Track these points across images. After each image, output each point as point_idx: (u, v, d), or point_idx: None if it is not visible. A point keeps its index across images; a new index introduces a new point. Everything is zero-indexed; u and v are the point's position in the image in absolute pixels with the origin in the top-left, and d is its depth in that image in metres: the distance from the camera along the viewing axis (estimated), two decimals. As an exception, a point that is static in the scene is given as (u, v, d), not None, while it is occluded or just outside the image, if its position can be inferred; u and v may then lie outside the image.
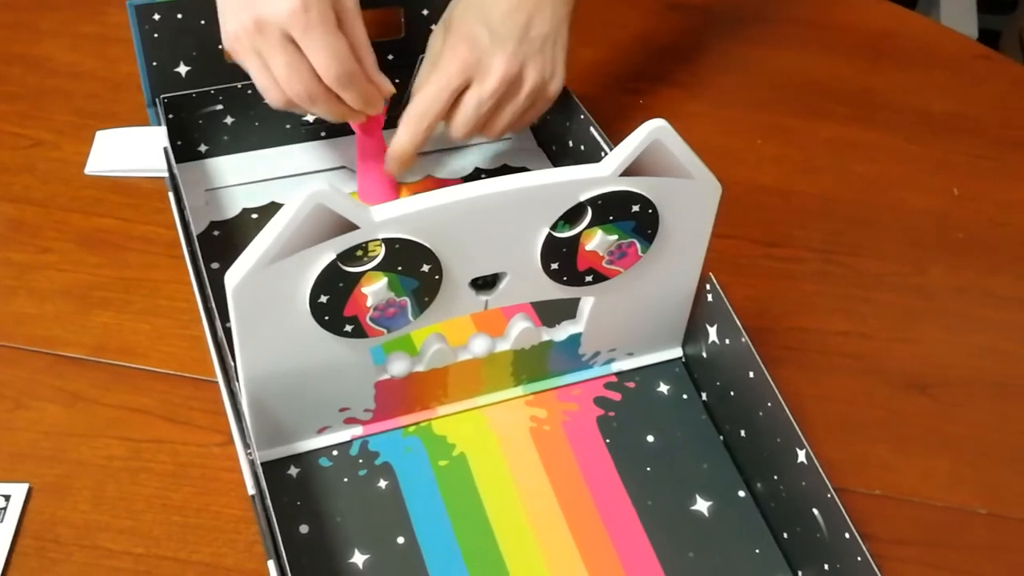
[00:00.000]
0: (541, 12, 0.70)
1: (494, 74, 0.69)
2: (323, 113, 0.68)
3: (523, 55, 0.70)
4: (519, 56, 0.69)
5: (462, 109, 0.70)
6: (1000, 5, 1.94)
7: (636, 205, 0.56)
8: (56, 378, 0.66)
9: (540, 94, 0.72)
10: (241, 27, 0.65)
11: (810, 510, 0.56)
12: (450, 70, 0.69)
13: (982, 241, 0.81)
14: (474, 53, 0.69)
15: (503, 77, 0.69)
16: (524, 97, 0.71)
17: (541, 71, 0.71)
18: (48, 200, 0.76)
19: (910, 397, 0.70)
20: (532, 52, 0.70)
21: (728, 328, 0.61)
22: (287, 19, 0.63)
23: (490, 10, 0.70)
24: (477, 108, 0.70)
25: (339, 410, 0.60)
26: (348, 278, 0.52)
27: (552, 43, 0.71)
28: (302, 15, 0.63)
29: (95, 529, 0.59)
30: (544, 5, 0.70)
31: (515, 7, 0.69)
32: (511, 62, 0.69)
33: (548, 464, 0.62)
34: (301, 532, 0.58)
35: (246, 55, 0.66)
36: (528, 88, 0.71)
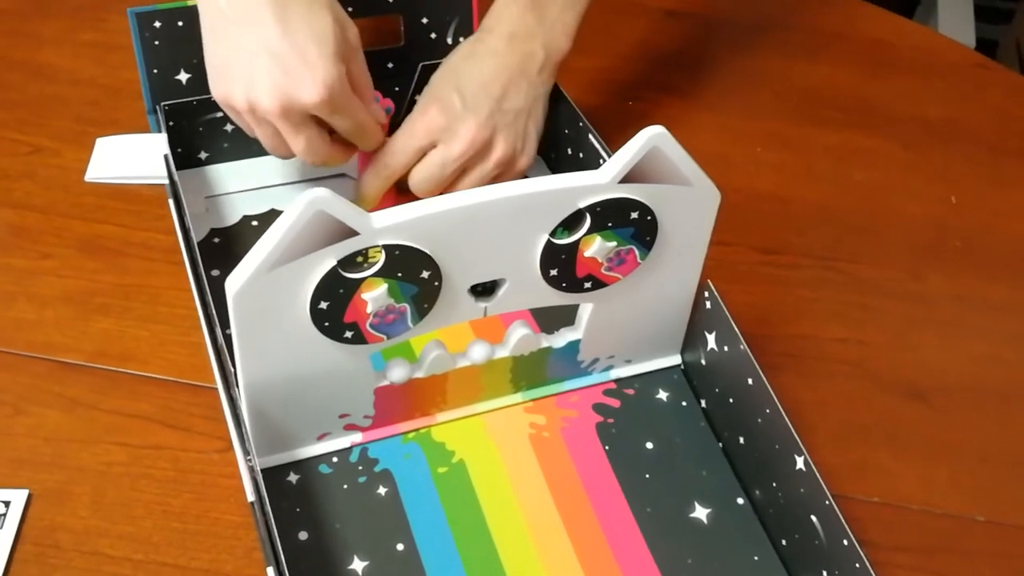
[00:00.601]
0: (516, 86, 0.71)
1: (462, 137, 0.69)
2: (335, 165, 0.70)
3: (494, 124, 0.70)
4: (489, 124, 0.70)
5: (425, 164, 0.70)
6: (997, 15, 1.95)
7: (635, 212, 0.56)
8: (56, 384, 0.66)
9: (509, 166, 0.72)
10: (250, 103, 0.63)
11: (808, 517, 0.56)
12: (417, 128, 0.70)
13: (980, 249, 0.81)
14: (444, 116, 0.69)
15: (471, 142, 0.69)
16: (492, 166, 0.71)
17: (512, 143, 0.71)
18: (48, 206, 0.76)
19: (908, 404, 0.70)
20: (504, 123, 0.70)
21: (727, 335, 0.62)
22: (317, 106, 0.63)
23: (466, 79, 0.70)
24: (441, 168, 0.70)
25: (339, 416, 0.60)
26: (348, 284, 0.53)
27: (525, 117, 0.72)
28: (329, 100, 0.63)
29: (95, 535, 0.59)
30: (520, 80, 0.71)
31: (491, 78, 0.70)
32: (481, 129, 0.69)
33: (547, 471, 0.62)
34: (300, 539, 0.58)
35: (257, 125, 0.66)
36: (496, 157, 0.71)
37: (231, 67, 0.64)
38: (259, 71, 0.62)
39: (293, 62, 0.62)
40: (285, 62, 0.62)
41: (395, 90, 0.79)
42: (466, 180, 0.72)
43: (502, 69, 0.71)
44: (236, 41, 0.63)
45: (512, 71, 0.71)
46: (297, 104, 0.63)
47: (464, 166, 0.71)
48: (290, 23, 0.62)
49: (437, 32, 0.82)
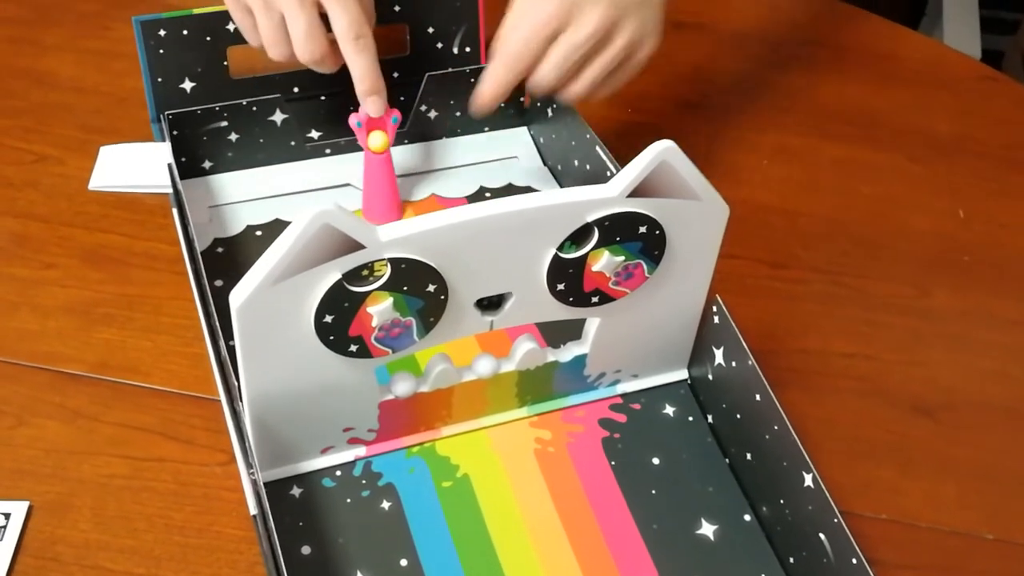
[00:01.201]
0: None
1: (587, 24, 0.67)
2: (322, 69, 0.70)
3: (620, 9, 0.68)
4: (614, 11, 0.68)
5: (551, 55, 0.68)
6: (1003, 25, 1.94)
7: (643, 226, 0.56)
8: (57, 395, 0.65)
9: (631, 54, 0.70)
10: None
11: (816, 535, 0.55)
12: (543, 15, 0.67)
13: (988, 264, 0.81)
14: (568, 2, 0.67)
15: (596, 27, 0.67)
16: (614, 54, 0.69)
17: (635, 30, 0.69)
18: (52, 215, 0.75)
19: (916, 420, 0.70)
20: (628, 9, 0.68)
21: (735, 351, 0.61)
22: None
23: None
24: (567, 56, 0.68)
25: (343, 430, 0.60)
26: (353, 298, 0.52)
27: (649, 7, 0.70)
28: None
29: (95, 548, 0.59)
30: None
31: None
32: (605, 15, 0.67)
33: (552, 486, 0.61)
34: (303, 553, 0.57)
35: (260, 10, 0.67)
36: (620, 44, 0.69)
37: None
38: None
39: None
40: None
41: (400, 99, 0.79)
42: (590, 68, 0.70)
43: None
44: None
45: None
46: None
47: (588, 54, 0.69)
48: None
49: (443, 41, 0.82)
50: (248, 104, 0.74)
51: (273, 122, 0.75)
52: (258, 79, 0.78)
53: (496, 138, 0.82)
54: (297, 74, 0.79)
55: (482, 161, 0.81)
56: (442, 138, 0.81)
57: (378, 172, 0.73)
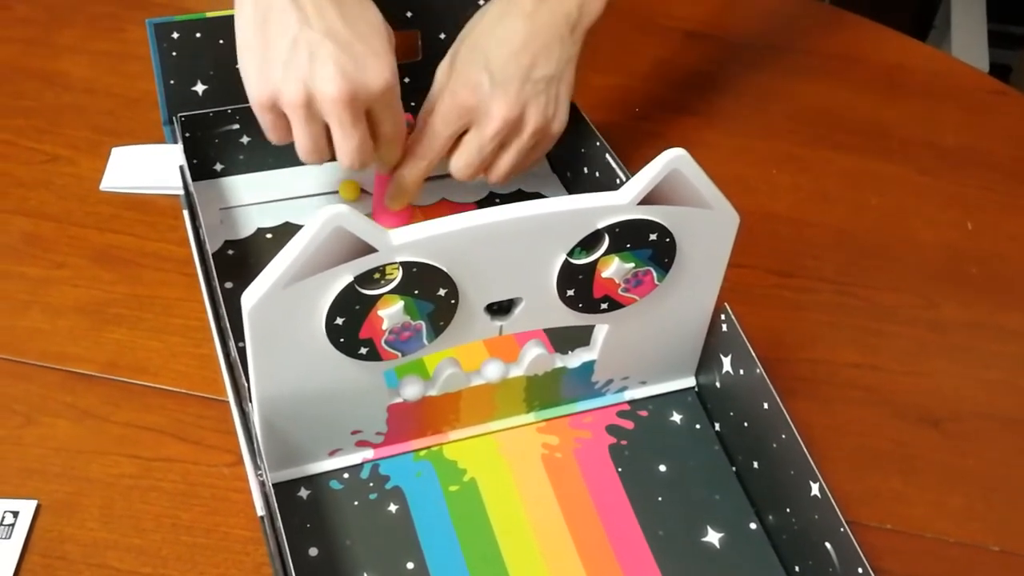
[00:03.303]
0: (546, 53, 0.70)
1: (495, 117, 0.69)
2: None
3: (525, 98, 0.69)
4: (521, 99, 0.69)
5: (463, 150, 0.70)
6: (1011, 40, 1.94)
7: (654, 234, 0.56)
8: (67, 394, 0.65)
9: (543, 134, 0.72)
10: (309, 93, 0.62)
11: (823, 544, 0.56)
12: (450, 114, 0.69)
13: (995, 275, 0.81)
14: (475, 97, 0.69)
15: (504, 120, 0.69)
16: (527, 138, 0.71)
17: (543, 112, 0.71)
18: (63, 215, 0.76)
19: (922, 431, 0.70)
20: (534, 94, 0.70)
21: (743, 359, 0.61)
22: (382, 93, 0.64)
23: (494, 53, 0.69)
24: (479, 150, 0.70)
25: (351, 433, 0.60)
26: (365, 301, 0.52)
27: (556, 83, 0.71)
28: (392, 89, 0.64)
29: (103, 547, 0.59)
30: (551, 46, 0.70)
31: (519, 50, 0.69)
32: (512, 106, 0.69)
33: (559, 492, 0.61)
34: (311, 555, 0.57)
35: (308, 121, 0.64)
36: (530, 129, 0.71)
37: (286, 56, 0.62)
38: (323, 58, 0.61)
39: (360, 49, 0.62)
40: (352, 49, 0.62)
41: (412, 104, 0.79)
42: (505, 156, 0.72)
43: (533, 34, 0.69)
44: (293, 30, 0.62)
45: (543, 34, 0.70)
46: (363, 91, 0.62)
47: (500, 143, 0.70)
48: (349, 13, 0.63)
49: (454, 48, 0.82)
50: (260, 107, 0.74)
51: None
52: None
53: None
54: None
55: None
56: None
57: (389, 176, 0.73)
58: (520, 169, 0.74)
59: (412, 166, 0.71)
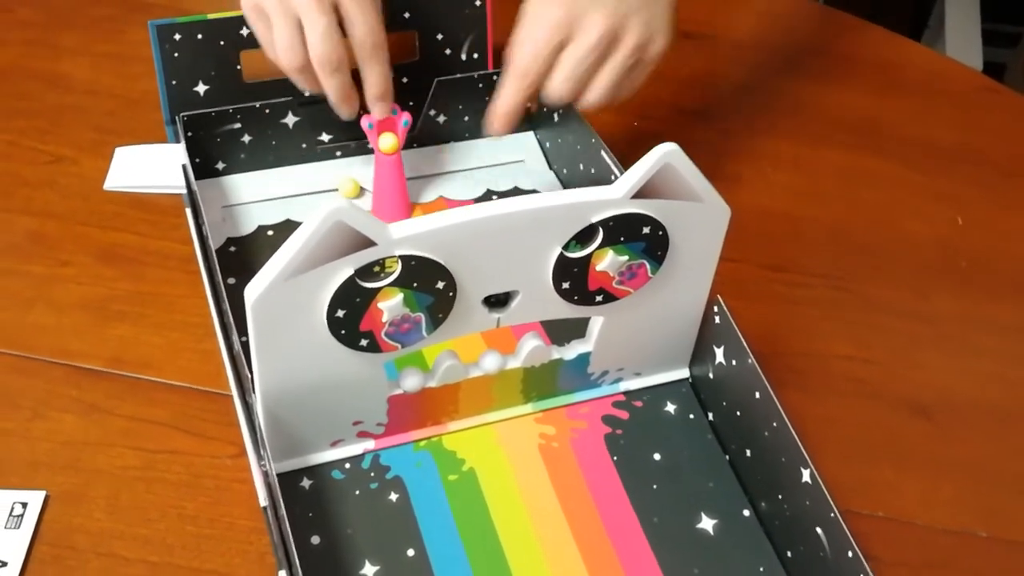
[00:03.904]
0: None
1: (592, 31, 0.68)
2: (331, 86, 0.70)
3: (622, 13, 0.68)
4: (618, 13, 0.68)
5: (560, 67, 0.69)
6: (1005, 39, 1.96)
7: (647, 227, 0.57)
8: (73, 389, 0.67)
9: (641, 55, 0.71)
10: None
11: (814, 529, 0.57)
12: (547, 27, 0.68)
13: (985, 269, 0.82)
14: (571, 11, 0.68)
15: (601, 33, 0.68)
16: (623, 57, 0.70)
17: (642, 30, 0.69)
18: (68, 214, 0.77)
19: (913, 421, 0.71)
20: (633, 10, 0.69)
21: (735, 350, 0.62)
22: None
23: None
24: (575, 67, 0.69)
25: (352, 424, 0.61)
26: (365, 293, 0.54)
27: (656, 3, 0.70)
28: None
29: (110, 537, 0.60)
30: None
31: None
32: (609, 20, 0.68)
33: (556, 480, 0.63)
34: (313, 543, 0.59)
35: (277, 14, 0.68)
36: (629, 47, 0.69)
37: None
38: None
39: None
40: None
41: (410, 104, 0.80)
42: (602, 74, 0.70)
43: None
44: None
45: None
46: None
47: (599, 59, 0.69)
48: None
49: (452, 48, 0.83)
50: (261, 107, 0.76)
51: (285, 124, 0.77)
52: (270, 83, 0.80)
53: (503, 143, 0.83)
54: (309, 78, 0.81)
55: (489, 165, 0.82)
56: (450, 142, 0.83)
57: (388, 173, 0.75)
58: (616, 91, 0.72)
59: (514, 91, 0.70)
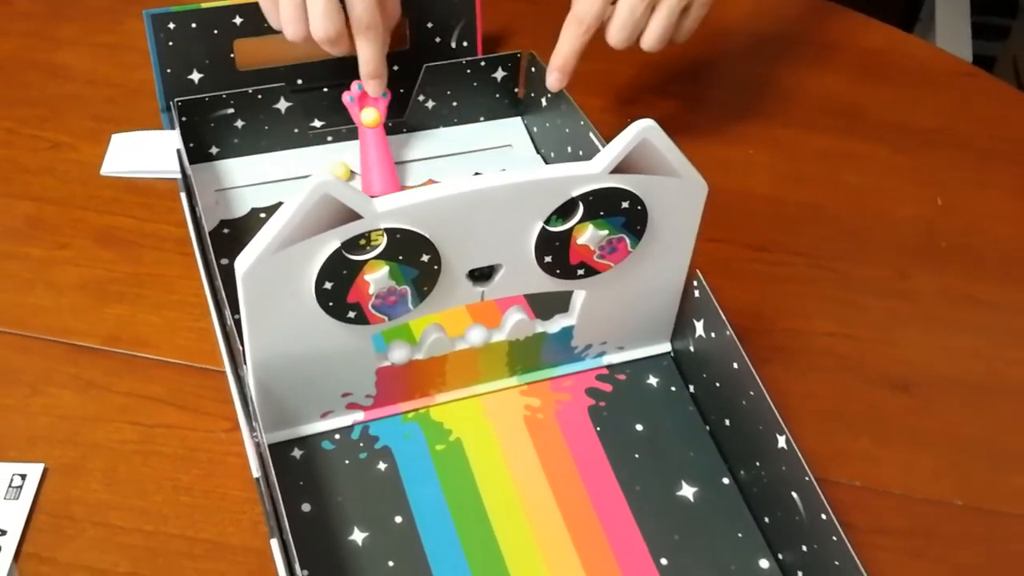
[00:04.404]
0: None
1: None
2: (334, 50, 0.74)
3: None
4: None
5: (618, 13, 0.73)
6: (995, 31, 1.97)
7: (625, 201, 0.59)
8: (71, 366, 0.68)
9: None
10: None
11: (789, 494, 0.58)
12: None
13: (965, 249, 0.84)
14: None
15: None
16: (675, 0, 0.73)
17: None
18: (66, 199, 0.79)
19: (893, 395, 0.73)
20: None
21: (714, 322, 0.64)
22: None
23: None
24: (631, 12, 0.72)
25: (341, 395, 0.63)
26: (352, 266, 0.55)
27: None
28: None
29: (107, 508, 0.62)
30: None
31: None
32: None
33: (541, 450, 0.64)
34: (303, 510, 0.60)
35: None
36: None
37: None
38: None
39: None
40: None
41: (400, 91, 0.82)
42: (656, 18, 0.74)
43: None
44: None
45: None
46: None
47: (651, 4, 0.73)
48: None
49: (441, 36, 0.85)
50: (254, 92, 0.77)
51: (278, 110, 0.79)
52: (263, 71, 0.82)
53: (491, 127, 0.85)
54: (300, 66, 0.83)
55: (477, 149, 0.84)
56: (439, 127, 0.85)
57: (373, 147, 0.77)
58: (672, 34, 0.76)
59: (572, 38, 0.74)
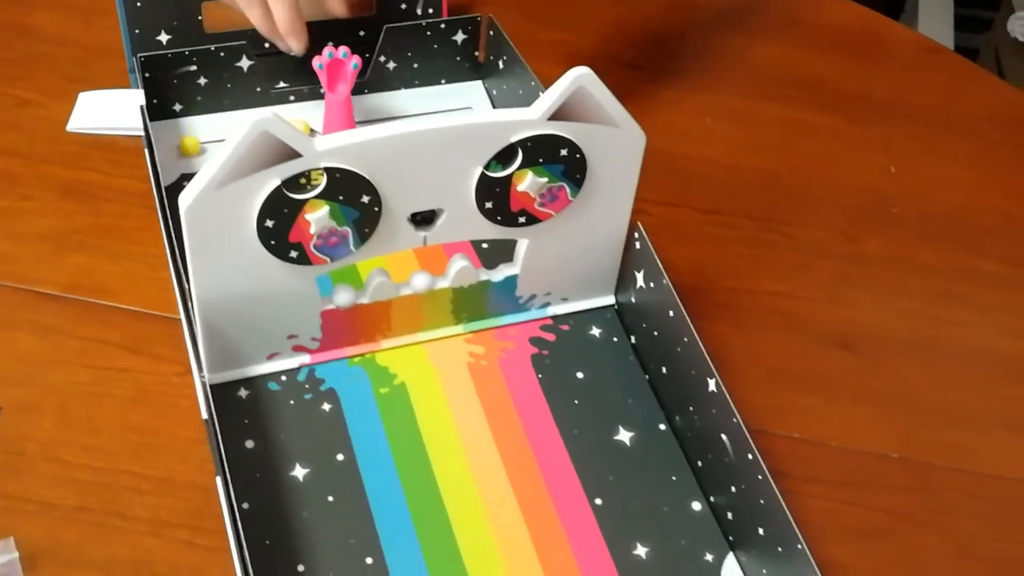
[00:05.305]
0: None
1: None
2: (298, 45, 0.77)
3: None
4: None
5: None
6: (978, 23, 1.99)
7: (564, 149, 0.61)
8: (31, 312, 0.70)
9: None
10: None
11: (719, 436, 0.60)
12: None
13: (915, 215, 0.85)
14: None
15: None
16: None
17: None
18: (32, 153, 0.80)
19: (836, 353, 0.74)
20: None
21: (653, 273, 0.66)
22: None
23: None
24: None
25: (287, 337, 0.64)
26: (292, 204, 0.57)
27: None
28: None
29: (58, 445, 0.63)
30: None
31: None
32: None
33: (483, 394, 0.66)
34: (247, 447, 0.62)
35: None
36: None
37: None
38: None
39: None
40: None
41: (365, 56, 0.84)
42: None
43: None
44: None
45: None
46: None
47: None
48: None
49: (407, 3, 0.87)
50: (216, 50, 0.79)
51: (240, 68, 0.80)
52: (231, 35, 0.83)
53: (452, 90, 0.87)
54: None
55: (437, 111, 0.85)
56: (400, 88, 0.86)
57: (337, 114, 0.78)
58: None
59: None
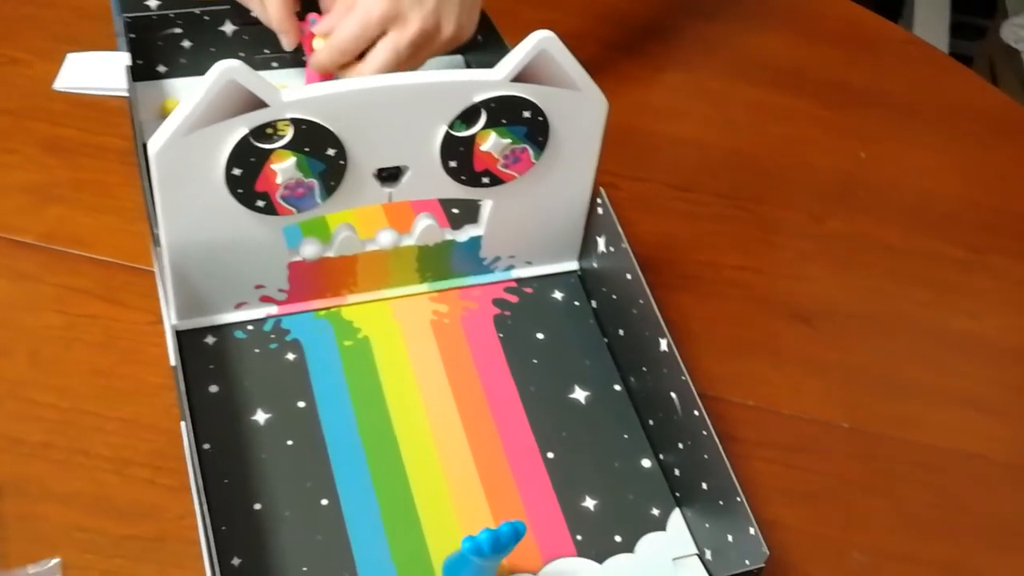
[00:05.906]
0: None
1: (412, 26, 0.74)
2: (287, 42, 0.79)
3: (440, 11, 0.75)
4: (437, 12, 0.75)
5: (377, 52, 0.75)
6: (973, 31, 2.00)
7: (527, 111, 0.62)
8: (6, 259, 0.72)
9: (452, 44, 0.78)
10: None
11: (669, 395, 0.62)
12: (372, 16, 0.74)
13: (881, 199, 0.87)
14: (395, 7, 0.74)
15: (421, 30, 0.74)
16: (438, 47, 0.77)
17: (456, 24, 0.76)
18: (17, 110, 0.82)
19: (793, 326, 0.76)
20: (450, 8, 0.76)
21: (613, 237, 0.67)
22: None
23: None
24: (396, 54, 0.75)
25: (255, 287, 0.66)
26: (259, 154, 0.59)
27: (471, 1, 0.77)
28: None
29: (26, 384, 0.65)
30: None
31: None
32: (429, 18, 0.75)
33: (444, 350, 0.67)
34: (211, 391, 0.64)
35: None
36: (443, 39, 0.77)
37: None
38: None
39: None
40: None
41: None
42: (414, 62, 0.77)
43: None
44: None
45: None
46: None
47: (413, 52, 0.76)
48: None
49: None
50: (201, 13, 0.81)
51: (223, 33, 0.82)
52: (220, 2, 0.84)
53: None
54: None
55: (416, 82, 0.87)
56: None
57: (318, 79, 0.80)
58: None
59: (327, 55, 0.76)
